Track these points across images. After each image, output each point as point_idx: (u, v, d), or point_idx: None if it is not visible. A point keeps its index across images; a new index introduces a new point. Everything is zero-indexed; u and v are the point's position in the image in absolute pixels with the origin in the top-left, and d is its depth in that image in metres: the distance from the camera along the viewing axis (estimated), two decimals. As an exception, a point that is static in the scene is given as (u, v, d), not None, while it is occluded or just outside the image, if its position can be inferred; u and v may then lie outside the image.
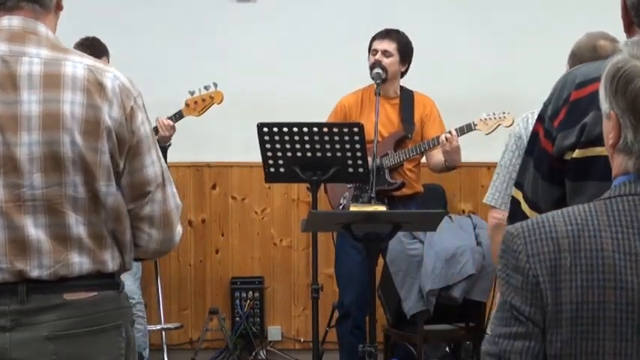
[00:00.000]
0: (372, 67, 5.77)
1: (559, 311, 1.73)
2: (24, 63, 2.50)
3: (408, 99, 5.91)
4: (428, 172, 6.12)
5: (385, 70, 5.74)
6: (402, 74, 5.93)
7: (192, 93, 6.07)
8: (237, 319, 6.78)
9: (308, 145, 5.16)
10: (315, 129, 5.17)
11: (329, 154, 5.16)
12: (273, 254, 6.98)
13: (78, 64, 2.53)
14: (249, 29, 6.88)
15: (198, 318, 6.91)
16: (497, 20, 6.86)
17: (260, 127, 5.22)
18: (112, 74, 2.57)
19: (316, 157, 5.16)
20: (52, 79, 2.50)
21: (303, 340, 6.89)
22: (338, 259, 5.88)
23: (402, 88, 5.94)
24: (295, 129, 5.17)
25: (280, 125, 5.20)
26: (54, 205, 2.48)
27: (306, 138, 5.16)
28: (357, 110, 5.88)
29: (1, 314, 2.47)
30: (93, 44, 5.84)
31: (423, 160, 6.00)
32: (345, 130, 5.17)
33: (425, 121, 5.89)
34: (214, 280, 6.96)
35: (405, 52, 5.86)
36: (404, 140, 5.86)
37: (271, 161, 5.23)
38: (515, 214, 2.44)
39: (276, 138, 5.18)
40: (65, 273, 2.49)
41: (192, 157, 6.88)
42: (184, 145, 6.44)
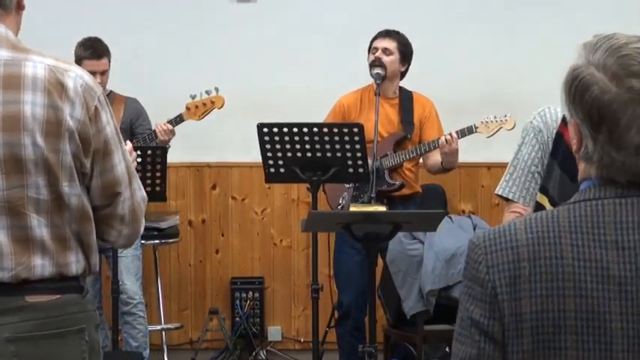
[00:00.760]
0: (371, 66, 5.77)
1: (520, 321, 1.69)
2: None
3: (407, 99, 5.91)
4: (428, 172, 6.12)
5: (385, 68, 5.74)
6: (402, 75, 5.92)
7: (194, 97, 6.05)
8: (237, 319, 6.78)
9: (308, 146, 5.16)
10: (315, 129, 5.17)
11: (329, 154, 5.16)
12: (273, 254, 6.98)
13: (38, 64, 2.50)
14: (249, 29, 6.89)
15: (198, 318, 6.91)
16: (498, 20, 6.86)
17: (260, 127, 5.22)
18: (74, 73, 2.52)
19: (316, 158, 5.16)
20: (12, 80, 2.47)
21: (303, 341, 6.89)
22: (336, 259, 5.88)
23: (400, 88, 5.94)
24: (295, 129, 5.17)
25: (280, 125, 5.20)
26: (15, 207, 2.47)
27: (306, 138, 5.16)
28: (356, 110, 5.88)
29: None
30: (94, 44, 5.83)
31: (421, 161, 6.00)
32: (345, 131, 5.17)
33: (424, 122, 5.89)
34: (214, 280, 6.96)
35: (405, 52, 5.86)
36: (403, 141, 5.85)
37: (271, 161, 5.23)
38: None
39: (276, 138, 5.18)
40: (27, 275, 2.47)
41: (192, 157, 6.88)
42: (184, 146, 6.44)
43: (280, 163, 5.21)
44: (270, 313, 6.95)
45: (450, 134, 5.61)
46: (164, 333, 6.57)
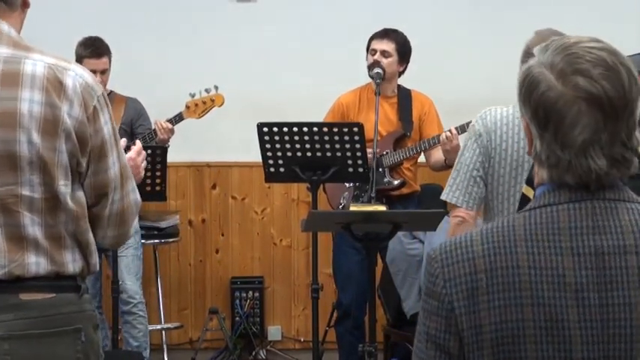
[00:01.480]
0: (370, 67, 5.77)
1: (479, 333, 1.67)
2: None
3: (405, 97, 5.91)
4: (427, 171, 6.12)
5: (384, 71, 5.74)
6: (400, 74, 5.93)
7: (193, 95, 6.05)
8: (237, 319, 6.78)
9: (308, 145, 5.16)
10: (315, 129, 5.17)
11: (329, 153, 5.15)
12: (273, 254, 6.98)
13: (38, 62, 2.50)
14: (249, 29, 6.89)
15: (198, 318, 6.91)
16: (498, 20, 6.86)
17: (260, 127, 5.22)
18: (73, 72, 2.52)
19: (316, 157, 5.16)
20: (10, 77, 2.47)
21: (303, 340, 6.89)
22: (336, 259, 5.88)
23: (399, 86, 5.94)
24: (295, 129, 5.17)
25: (280, 125, 5.20)
26: (8, 205, 2.46)
27: (306, 138, 5.15)
28: (355, 109, 5.88)
29: None
30: (95, 43, 5.84)
31: (420, 160, 6.00)
32: (345, 130, 5.17)
33: (423, 120, 5.89)
34: (214, 280, 6.96)
35: (404, 52, 5.86)
36: (403, 139, 5.86)
37: (271, 161, 5.22)
38: None
39: (276, 138, 5.18)
40: (21, 273, 2.46)
41: (192, 157, 6.88)
42: (184, 145, 6.44)
43: (280, 162, 5.21)
44: (270, 312, 6.95)
45: (450, 131, 5.62)
46: (164, 332, 6.57)
